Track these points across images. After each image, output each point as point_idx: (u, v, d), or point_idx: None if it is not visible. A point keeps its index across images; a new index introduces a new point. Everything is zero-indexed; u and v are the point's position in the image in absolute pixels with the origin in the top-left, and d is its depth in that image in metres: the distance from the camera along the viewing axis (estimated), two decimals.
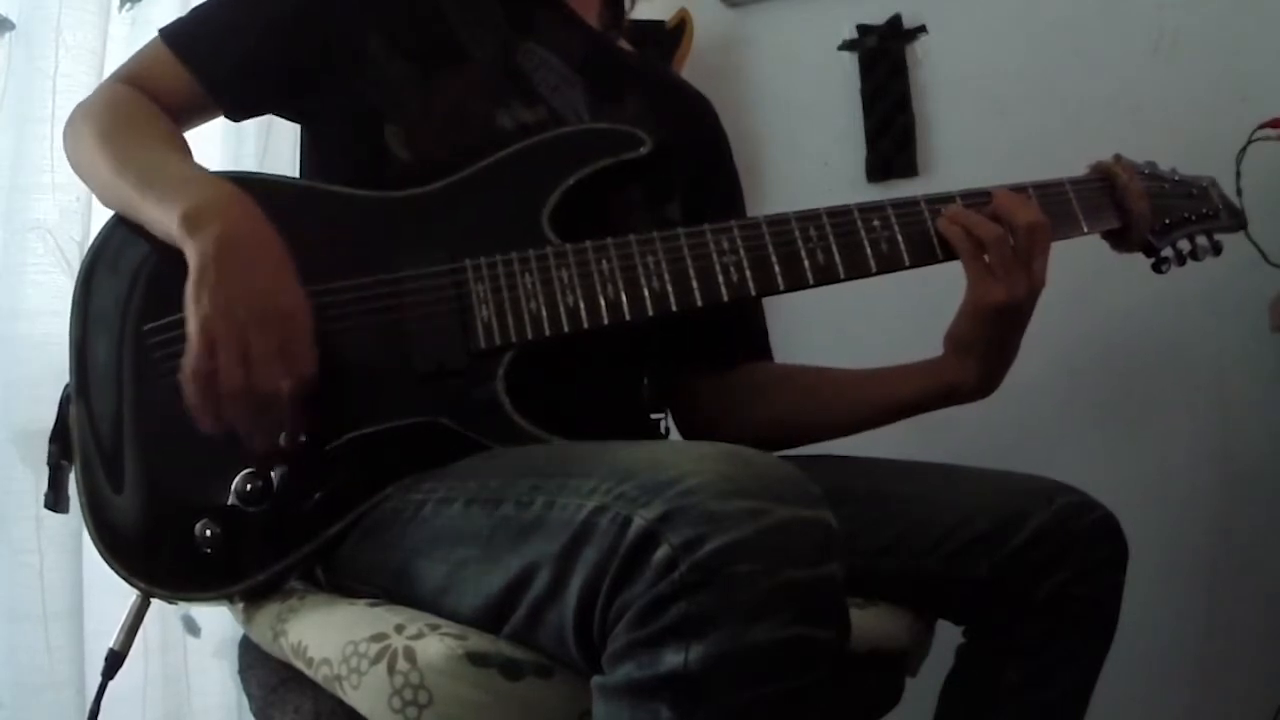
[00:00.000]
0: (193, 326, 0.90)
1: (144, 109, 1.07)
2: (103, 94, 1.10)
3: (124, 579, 0.94)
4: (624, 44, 1.29)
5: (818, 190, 1.80)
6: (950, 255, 1.06)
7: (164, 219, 0.95)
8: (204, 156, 1.11)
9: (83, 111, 1.09)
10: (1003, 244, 1.04)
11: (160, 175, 0.99)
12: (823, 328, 1.67)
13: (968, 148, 1.86)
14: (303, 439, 0.94)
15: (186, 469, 0.96)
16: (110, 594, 1.21)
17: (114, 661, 1.05)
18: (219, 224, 0.92)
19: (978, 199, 1.08)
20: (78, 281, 1.02)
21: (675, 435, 1.35)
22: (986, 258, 1.05)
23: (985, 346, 1.07)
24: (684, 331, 1.18)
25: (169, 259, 0.98)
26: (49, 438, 1.02)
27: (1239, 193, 1.35)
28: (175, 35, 1.11)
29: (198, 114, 1.12)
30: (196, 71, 1.09)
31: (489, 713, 0.79)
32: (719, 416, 1.24)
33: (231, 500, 0.94)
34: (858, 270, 1.04)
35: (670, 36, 1.97)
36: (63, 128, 1.11)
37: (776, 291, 1.03)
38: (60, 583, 1.38)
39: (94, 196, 1.38)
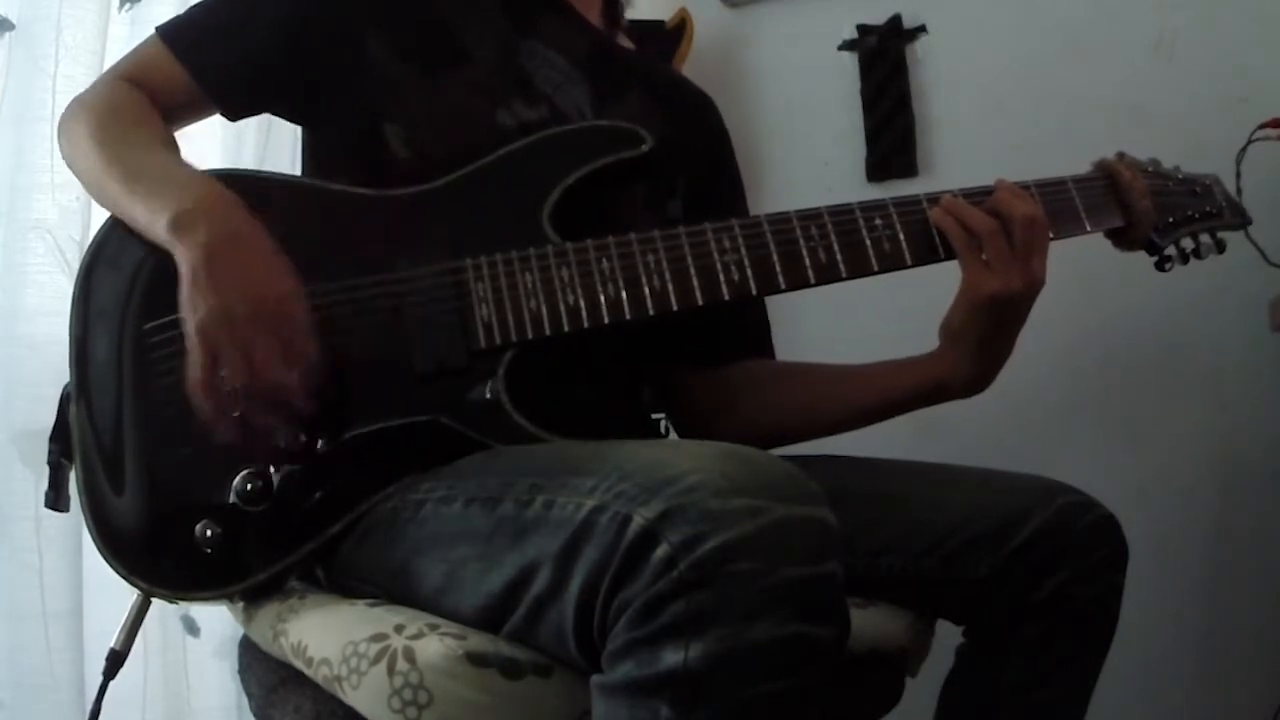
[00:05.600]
0: (191, 332, 0.91)
1: (139, 108, 1.07)
2: (99, 90, 1.10)
3: (124, 578, 0.94)
4: (625, 41, 1.29)
5: (818, 190, 1.81)
6: (953, 254, 1.05)
7: (150, 221, 0.96)
8: (204, 156, 1.11)
9: (77, 106, 1.09)
10: (997, 237, 1.03)
11: (147, 176, 0.99)
12: (824, 326, 1.66)
13: (968, 148, 1.86)
14: (311, 436, 0.95)
15: (187, 468, 0.95)
16: (110, 594, 1.21)
17: (115, 661, 1.05)
18: (205, 228, 0.93)
19: (980, 196, 1.08)
20: (77, 280, 1.02)
21: (675, 436, 1.35)
22: (984, 255, 1.04)
23: (979, 339, 1.06)
24: (683, 328, 1.17)
25: (169, 257, 0.98)
26: (49, 436, 1.02)
27: (1239, 193, 1.35)
28: (173, 33, 1.11)
29: (193, 112, 1.12)
30: (193, 70, 1.09)
31: (489, 713, 0.79)
32: (716, 414, 1.23)
33: (232, 499, 0.94)
34: (860, 269, 1.04)
35: (670, 36, 1.97)
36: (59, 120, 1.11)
37: (778, 291, 1.03)
38: (60, 583, 1.38)
39: None
